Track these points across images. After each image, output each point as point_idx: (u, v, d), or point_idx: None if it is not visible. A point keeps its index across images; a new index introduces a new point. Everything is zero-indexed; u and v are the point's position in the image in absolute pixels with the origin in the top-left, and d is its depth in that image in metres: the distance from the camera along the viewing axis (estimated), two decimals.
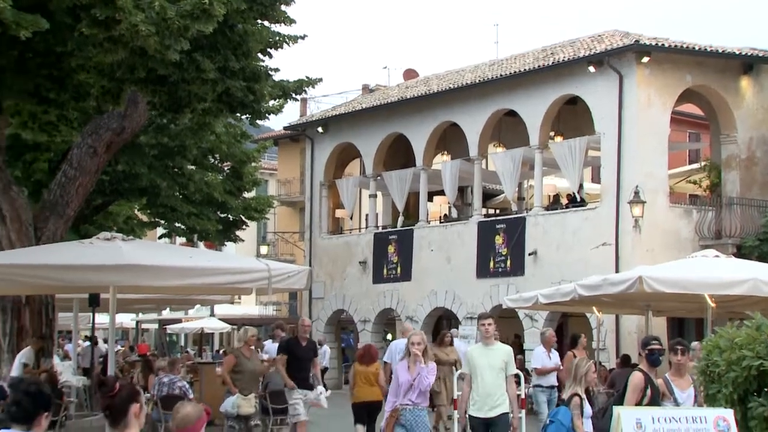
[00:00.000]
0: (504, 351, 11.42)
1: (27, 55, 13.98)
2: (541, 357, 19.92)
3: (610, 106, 28.32)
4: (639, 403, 10.31)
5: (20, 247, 20.56)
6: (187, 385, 19.91)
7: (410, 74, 45.26)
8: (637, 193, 27.05)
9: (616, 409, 8.61)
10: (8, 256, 18.96)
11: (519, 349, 26.21)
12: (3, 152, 22.30)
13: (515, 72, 31.13)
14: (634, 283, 17.47)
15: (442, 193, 35.10)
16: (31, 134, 21.00)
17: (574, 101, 30.24)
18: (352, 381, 17.15)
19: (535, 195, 31.49)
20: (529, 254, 30.02)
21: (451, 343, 20.44)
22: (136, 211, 31.72)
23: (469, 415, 11.16)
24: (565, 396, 10.58)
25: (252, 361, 16.78)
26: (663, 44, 28.27)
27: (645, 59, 27.73)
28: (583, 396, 10.33)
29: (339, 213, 39.68)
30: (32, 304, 22.09)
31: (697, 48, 29.08)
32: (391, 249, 35.08)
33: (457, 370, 19.57)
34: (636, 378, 11.10)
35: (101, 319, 24.03)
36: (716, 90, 29.54)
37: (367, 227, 37.58)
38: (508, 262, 30.74)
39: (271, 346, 21.88)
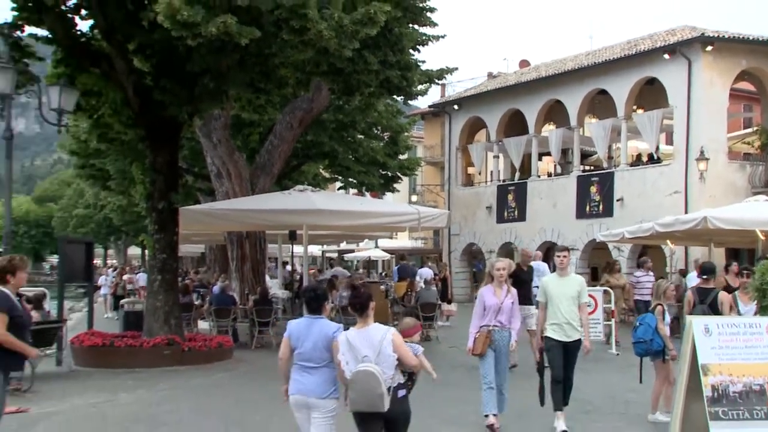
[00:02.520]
0: (577, 281, 9.94)
1: (245, 57, 14.29)
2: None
3: (681, 85, 27.75)
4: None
5: (241, 197, 21.27)
6: None
7: (524, 63, 44.67)
8: (702, 152, 26.72)
9: (689, 318, 8.26)
10: (233, 203, 19.67)
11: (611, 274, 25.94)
12: (229, 128, 22.97)
13: (606, 60, 30.66)
14: (700, 222, 17.70)
15: (548, 154, 34.71)
16: (248, 114, 21.59)
17: (652, 82, 29.52)
18: None
19: (621, 155, 31.04)
20: (617, 200, 29.63)
21: (619, 270, 20.27)
22: (320, 170, 32.22)
23: (547, 337, 9.64)
24: (650, 306, 10.53)
25: None
26: (723, 35, 27.59)
27: (709, 48, 27.15)
28: (665, 306, 10.22)
29: (470, 170, 39.61)
30: (250, 238, 22.83)
31: (750, 38, 28.28)
32: (510, 197, 34.95)
33: (623, 293, 19.50)
34: (689, 295, 11.26)
35: (297, 249, 24.56)
36: (765, 71, 28.93)
37: (491, 181, 37.36)
38: (600, 207, 30.40)
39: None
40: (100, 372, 14.61)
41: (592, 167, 34.19)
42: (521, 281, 13.96)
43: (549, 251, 32.19)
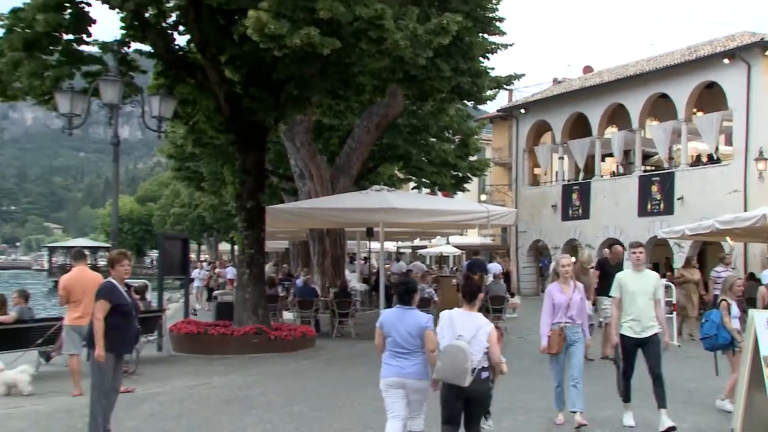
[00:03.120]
0: (654, 277, 9.27)
1: (326, 66, 14.35)
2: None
3: (740, 89, 27.04)
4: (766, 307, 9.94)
5: (322, 197, 21.42)
6: (433, 291, 20.26)
7: (587, 69, 43.90)
8: (761, 152, 26.09)
9: (751, 312, 8.07)
10: (315, 203, 19.84)
11: (669, 268, 25.37)
12: (311, 132, 23.16)
13: (667, 65, 29.98)
14: (759, 219, 17.33)
15: (611, 155, 34.17)
16: (328, 119, 21.71)
17: (711, 85, 28.77)
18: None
19: (681, 155, 30.29)
20: (678, 199, 28.97)
21: (695, 266, 19.89)
22: (395, 171, 32.24)
23: (622, 335, 9.04)
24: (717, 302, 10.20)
25: (587, 275, 14.71)
26: None
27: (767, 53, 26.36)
28: (731, 301, 9.86)
29: (536, 170, 39.13)
30: (331, 235, 23.01)
31: None
32: (574, 196, 34.47)
33: (697, 287, 19.02)
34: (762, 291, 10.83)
35: (374, 245, 24.65)
36: None
37: (556, 181, 36.85)
38: (662, 205, 29.78)
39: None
40: (195, 357, 14.88)
41: (653, 167, 33.49)
42: (608, 274, 13.51)
43: (610, 247, 31.72)
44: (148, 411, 9.87)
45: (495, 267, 25.95)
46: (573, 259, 14.36)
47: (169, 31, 16.28)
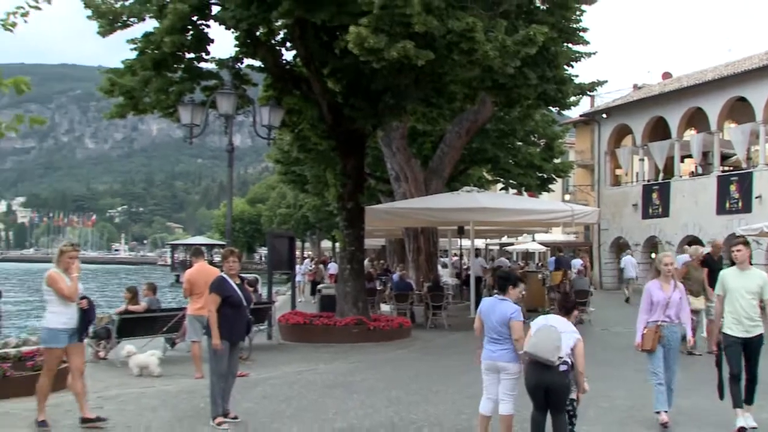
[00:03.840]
0: (759, 276, 8.21)
1: (420, 76, 14.27)
2: None
3: None
4: None
5: (416, 197, 21.37)
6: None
7: (666, 75, 42.57)
8: None
9: None
10: (410, 203, 19.82)
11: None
12: (405, 137, 23.14)
13: (745, 69, 28.75)
14: None
15: (690, 156, 33.14)
16: (422, 125, 21.61)
17: None
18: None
19: (760, 156, 29.00)
20: (756, 197, 27.69)
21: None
22: (484, 173, 31.96)
23: (724, 334, 8.13)
24: None
25: (698, 271, 13.79)
26: None
27: None
28: None
29: (618, 171, 38.21)
30: (425, 232, 22.94)
31: None
32: (654, 195, 33.45)
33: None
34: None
35: (465, 242, 24.48)
36: None
37: (637, 181, 35.88)
38: (740, 203, 28.54)
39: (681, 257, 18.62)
40: (302, 345, 15.02)
41: (731, 168, 32.21)
42: (713, 270, 12.88)
43: (690, 244, 30.69)
44: (261, 393, 9.99)
45: (577, 263, 25.48)
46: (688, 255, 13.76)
47: (278, 48, 16.50)
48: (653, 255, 33.83)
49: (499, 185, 36.05)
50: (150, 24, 14.99)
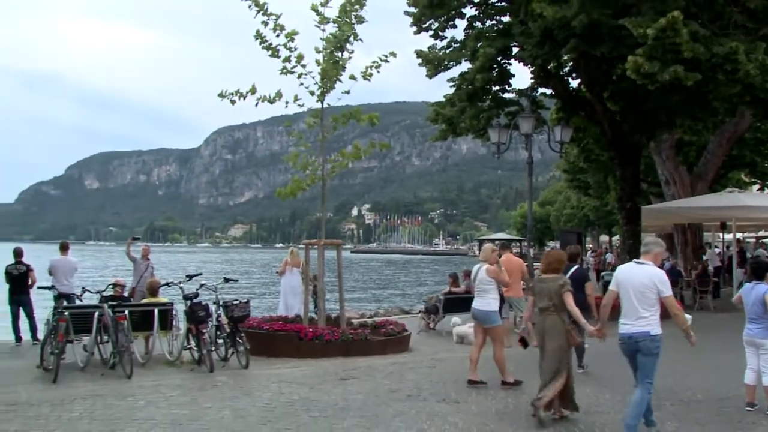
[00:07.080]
0: None
1: (687, 95, 13.67)
2: None
3: None
4: None
5: (684, 198, 20.28)
6: None
7: None
8: None
9: None
10: (679, 203, 19.08)
11: None
12: (674, 147, 22.00)
13: None
14: None
15: None
16: (688, 136, 20.49)
17: None
18: None
19: None
20: None
21: None
22: (742, 176, 29.02)
23: None
24: None
25: None
26: None
27: None
28: None
29: None
30: (691, 228, 21.66)
31: None
32: None
33: None
34: None
35: (727, 236, 22.53)
36: None
37: None
38: None
39: None
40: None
41: None
42: None
43: None
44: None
45: None
46: None
47: (565, 78, 16.83)
48: None
49: (755, 187, 32.46)
50: (464, 66, 16.15)
